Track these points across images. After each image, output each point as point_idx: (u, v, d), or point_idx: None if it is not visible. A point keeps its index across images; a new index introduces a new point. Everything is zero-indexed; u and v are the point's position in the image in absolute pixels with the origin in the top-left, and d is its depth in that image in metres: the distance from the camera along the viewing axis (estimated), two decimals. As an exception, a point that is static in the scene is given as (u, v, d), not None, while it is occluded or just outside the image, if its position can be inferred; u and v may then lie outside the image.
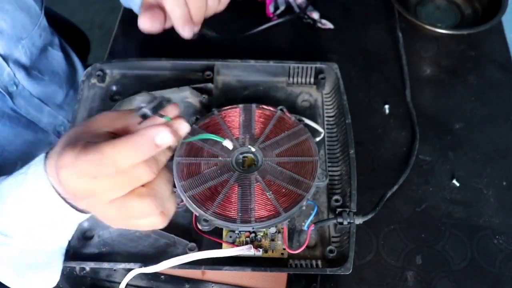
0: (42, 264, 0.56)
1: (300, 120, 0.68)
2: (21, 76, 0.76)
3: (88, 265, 0.60)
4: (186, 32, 0.65)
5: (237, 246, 0.60)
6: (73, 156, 0.44)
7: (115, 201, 0.45)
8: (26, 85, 0.78)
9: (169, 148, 0.47)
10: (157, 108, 0.45)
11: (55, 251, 0.56)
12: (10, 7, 0.73)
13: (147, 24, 0.64)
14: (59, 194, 0.50)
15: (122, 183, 0.44)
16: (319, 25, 0.95)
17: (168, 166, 0.49)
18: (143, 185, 0.46)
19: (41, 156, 0.51)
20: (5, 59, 0.74)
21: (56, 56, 0.85)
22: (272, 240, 0.61)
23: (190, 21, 0.64)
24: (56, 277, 0.57)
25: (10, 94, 0.75)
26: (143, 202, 0.45)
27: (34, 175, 0.50)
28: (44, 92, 0.81)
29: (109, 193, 0.45)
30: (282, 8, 0.96)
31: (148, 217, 0.48)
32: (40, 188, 0.50)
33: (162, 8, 0.65)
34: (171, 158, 0.54)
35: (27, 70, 0.78)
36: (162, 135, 0.44)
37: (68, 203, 0.50)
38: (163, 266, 0.56)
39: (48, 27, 0.83)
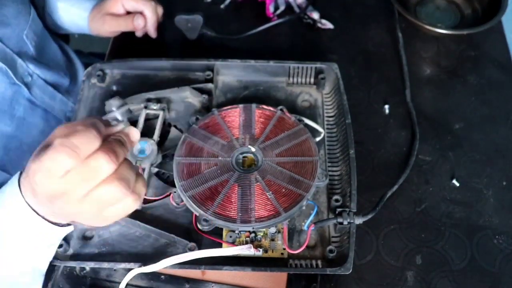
0: (25, 284, 0.58)
1: (300, 120, 0.68)
2: (32, 66, 0.78)
3: (88, 265, 0.61)
4: (155, 32, 0.86)
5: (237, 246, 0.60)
6: (38, 160, 0.47)
7: (87, 195, 0.47)
8: (40, 74, 0.80)
9: (125, 145, 0.51)
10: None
11: (36, 272, 0.58)
12: None
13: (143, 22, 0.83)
14: (36, 212, 0.52)
15: (88, 176, 0.46)
16: (319, 25, 0.95)
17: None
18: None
19: (15, 177, 0.53)
20: (15, 53, 0.74)
21: (52, 46, 0.88)
22: (272, 240, 0.61)
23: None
24: None
25: (26, 85, 0.76)
26: (111, 186, 0.47)
27: (11, 199, 0.52)
28: (53, 79, 0.83)
29: (79, 188, 0.47)
30: (282, 8, 0.96)
31: (120, 201, 0.49)
32: (17, 209, 0.52)
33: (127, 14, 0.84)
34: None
35: (36, 60, 0.79)
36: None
37: (45, 218, 0.52)
38: (162, 265, 0.56)
39: (37, 16, 0.85)
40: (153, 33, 0.85)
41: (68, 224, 0.56)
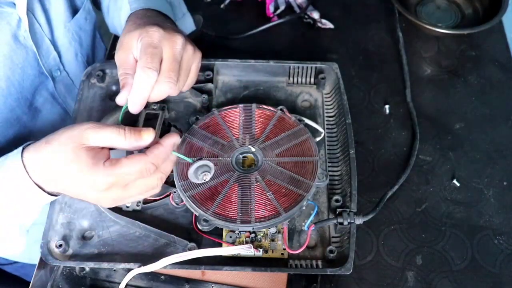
0: (11, 239, 0.60)
1: (300, 120, 0.68)
2: (67, 62, 0.76)
3: (88, 265, 0.60)
4: (134, 107, 0.60)
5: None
6: (105, 174, 0.52)
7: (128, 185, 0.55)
8: (71, 73, 0.78)
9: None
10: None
11: (23, 228, 0.60)
12: None
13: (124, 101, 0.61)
14: (34, 182, 0.54)
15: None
16: (319, 25, 0.95)
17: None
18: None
19: (18, 149, 0.55)
20: (52, 43, 0.73)
21: (100, 47, 0.85)
22: (272, 240, 0.61)
23: (145, 99, 0.60)
24: (16, 248, 0.62)
25: (53, 79, 0.75)
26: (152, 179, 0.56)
27: (12, 165, 0.54)
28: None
29: (138, 192, 0.56)
30: (282, 8, 0.96)
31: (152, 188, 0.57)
32: (16, 175, 0.54)
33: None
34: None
35: (76, 57, 0.78)
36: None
37: (41, 188, 0.55)
38: (162, 264, 0.56)
39: (93, 11, 0.82)
40: (133, 107, 0.60)
41: None
